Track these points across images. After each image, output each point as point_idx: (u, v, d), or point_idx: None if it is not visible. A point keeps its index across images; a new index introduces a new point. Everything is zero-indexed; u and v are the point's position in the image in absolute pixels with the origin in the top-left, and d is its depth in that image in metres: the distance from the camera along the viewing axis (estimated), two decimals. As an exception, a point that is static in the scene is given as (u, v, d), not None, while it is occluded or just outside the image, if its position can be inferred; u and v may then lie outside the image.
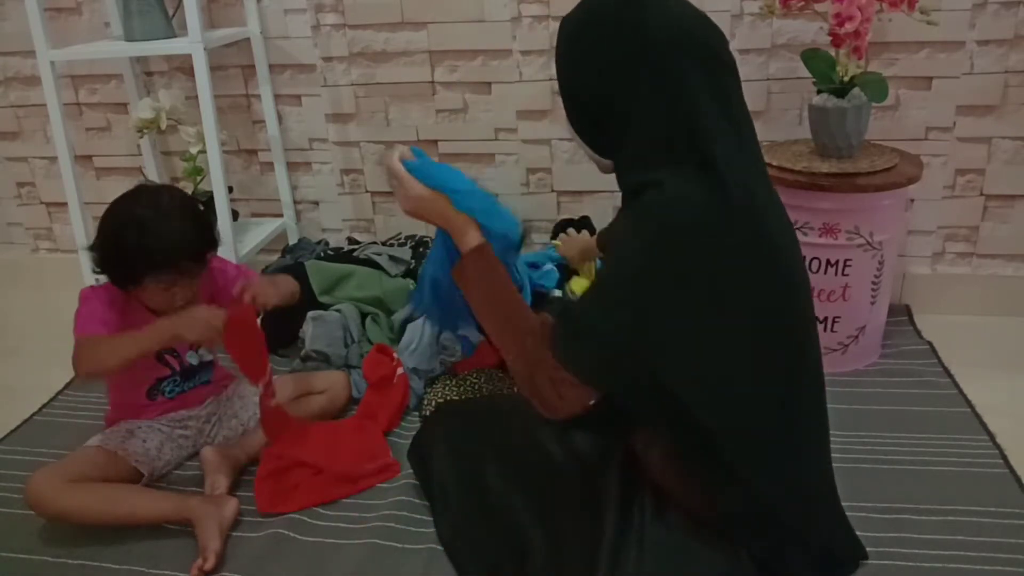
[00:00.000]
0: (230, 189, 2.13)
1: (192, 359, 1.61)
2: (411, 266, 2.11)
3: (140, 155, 2.32)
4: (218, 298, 1.61)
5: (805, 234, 1.73)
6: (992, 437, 1.58)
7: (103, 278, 1.51)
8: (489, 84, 2.14)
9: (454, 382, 1.72)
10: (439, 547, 1.34)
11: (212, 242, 1.50)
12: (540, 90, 2.12)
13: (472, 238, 1.17)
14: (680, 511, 1.11)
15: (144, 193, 1.48)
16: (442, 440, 1.38)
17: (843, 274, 1.75)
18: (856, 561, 1.23)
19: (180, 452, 1.62)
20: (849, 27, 1.61)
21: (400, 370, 1.77)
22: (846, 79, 1.70)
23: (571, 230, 2.04)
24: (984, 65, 1.92)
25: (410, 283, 2.04)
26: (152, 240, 1.41)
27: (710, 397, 1.00)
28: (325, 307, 1.95)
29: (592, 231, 2.12)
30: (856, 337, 1.83)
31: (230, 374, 1.73)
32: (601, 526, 1.11)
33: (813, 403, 1.11)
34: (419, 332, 1.82)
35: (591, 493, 1.15)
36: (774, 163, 1.76)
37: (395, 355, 1.79)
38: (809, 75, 1.75)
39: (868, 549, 1.24)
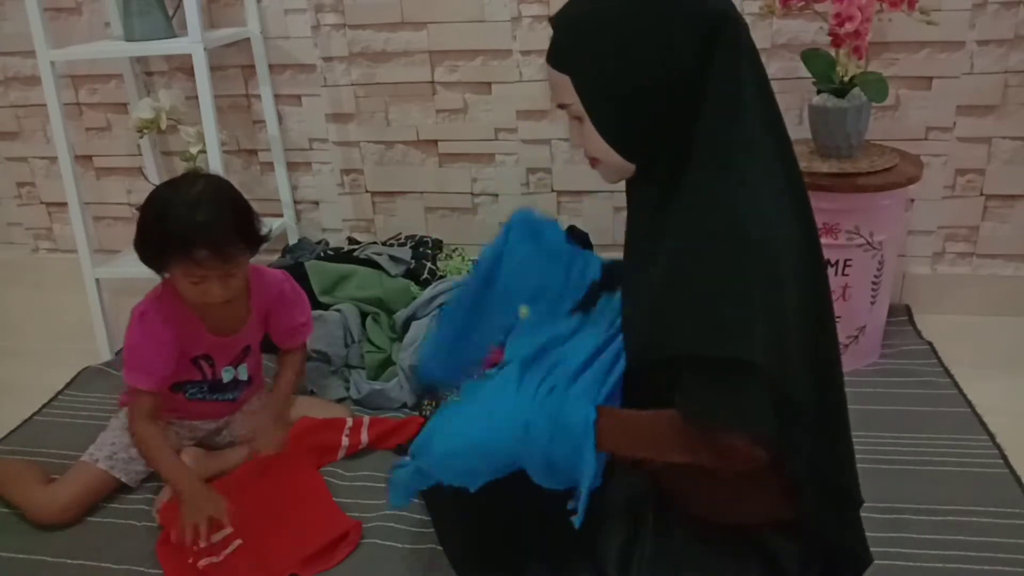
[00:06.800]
0: (230, 189, 2.13)
1: (226, 375, 1.59)
2: (411, 266, 2.11)
3: (140, 155, 2.31)
4: (269, 320, 1.62)
5: (805, 234, 1.73)
6: (992, 437, 1.58)
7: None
8: (489, 84, 2.14)
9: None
10: (439, 547, 1.33)
11: (243, 237, 1.41)
12: (540, 90, 2.12)
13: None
14: (686, 519, 1.10)
15: (184, 178, 1.47)
16: None
17: (843, 274, 1.75)
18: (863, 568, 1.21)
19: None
20: (849, 27, 1.61)
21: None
22: (846, 79, 1.70)
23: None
24: (984, 65, 1.92)
25: (410, 284, 2.04)
26: (172, 222, 1.36)
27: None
28: (325, 307, 1.95)
29: (581, 239, 2.05)
30: (856, 337, 1.83)
31: (256, 392, 1.71)
32: (606, 537, 1.11)
33: (843, 399, 1.10)
34: (423, 330, 1.82)
35: (596, 504, 1.14)
36: (774, 163, 1.75)
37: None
38: (809, 75, 1.75)
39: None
